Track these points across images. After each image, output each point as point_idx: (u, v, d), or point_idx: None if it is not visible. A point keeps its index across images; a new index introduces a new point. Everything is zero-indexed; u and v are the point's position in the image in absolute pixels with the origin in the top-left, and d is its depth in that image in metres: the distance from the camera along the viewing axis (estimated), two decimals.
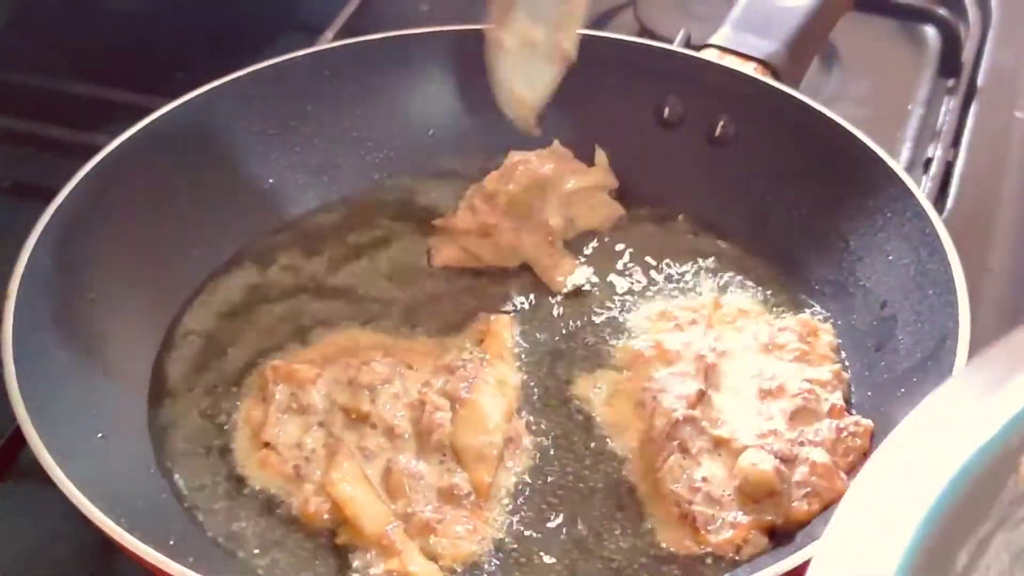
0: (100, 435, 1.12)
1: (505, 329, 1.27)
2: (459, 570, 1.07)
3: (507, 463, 1.15)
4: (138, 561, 0.94)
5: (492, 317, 1.28)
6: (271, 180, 1.41)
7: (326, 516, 1.09)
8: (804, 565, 0.94)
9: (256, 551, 1.08)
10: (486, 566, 1.07)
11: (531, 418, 1.20)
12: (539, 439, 1.18)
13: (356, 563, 1.07)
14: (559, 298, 1.33)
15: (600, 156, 1.43)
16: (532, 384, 1.23)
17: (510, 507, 1.12)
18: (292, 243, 1.39)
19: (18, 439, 1.06)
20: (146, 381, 1.23)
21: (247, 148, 1.40)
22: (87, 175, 1.25)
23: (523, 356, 1.26)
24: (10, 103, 1.58)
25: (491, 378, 1.19)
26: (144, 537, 0.95)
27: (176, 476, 1.14)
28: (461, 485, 1.11)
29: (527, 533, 1.10)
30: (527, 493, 1.13)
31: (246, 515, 1.11)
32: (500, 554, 1.08)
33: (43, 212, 1.21)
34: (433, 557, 1.07)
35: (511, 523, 1.11)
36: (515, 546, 1.09)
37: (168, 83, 1.37)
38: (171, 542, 1.01)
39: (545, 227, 1.36)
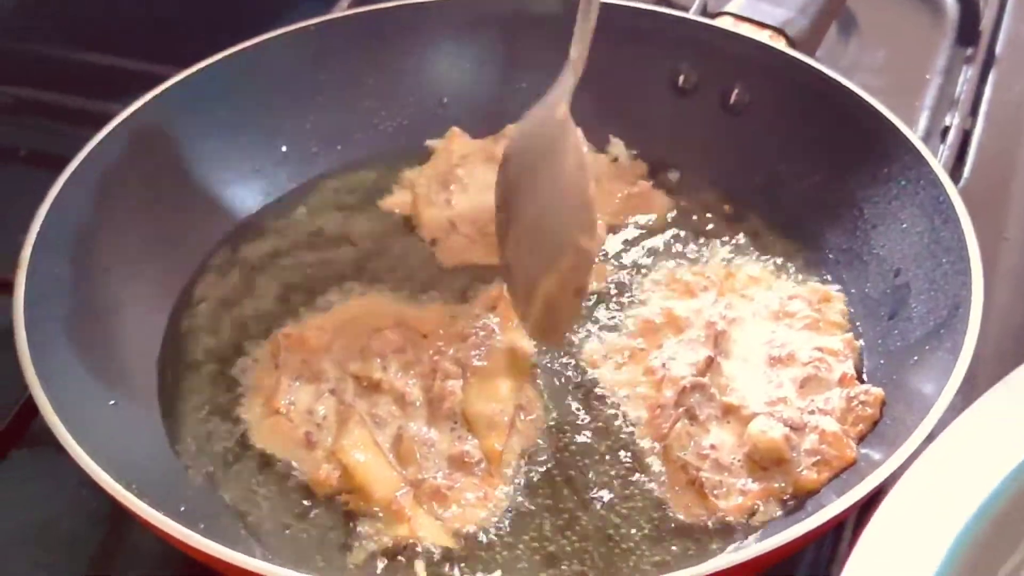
0: (112, 402, 1.12)
1: None
2: (469, 536, 1.07)
3: (518, 430, 1.14)
4: (149, 528, 0.94)
5: (504, 284, 1.27)
6: (284, 148, 1.41)
7: (336, 482, 1.09)
8: (814, 532, 0.94)
9: (266, 517, 1.09)
10: (495, 532, 1.07)
11: (541, 384, 1.20)
12: (548, 406, 1.18)
13: (365, 529, 1.07)
14: None
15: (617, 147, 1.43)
16: (542, 351, 1.23)
17: (520, 474, 1.12)
18: (305, 209, 1.39)
19: (30, 407, 1.06)
20: (158, 349, 1.23)
21: (260, 116, 1.40)
22: (100, 143, 1.25)
23: None
24: (24, 73, 1.58)
25: (503, 346, 1.19)
26: (155, 504, 0.95)
27: (188, 443, 1.14)
28: (472, 452, 1.11)
29: (537, 500, 1.10)
30: (538, 460, 1.13)
31: (256, 482, 1.11)
32: (510, 521, 1.08)
33: (56, 181, 1.21)
34: (443, 524, 1.07)
35: (521, 490, 1.11)
36: (525, 512, 1.09)
37: (181, 51, 1.36)
38: (182, 509, 1.01)
39: None
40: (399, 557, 1.05)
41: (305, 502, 1.09)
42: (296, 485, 1.11)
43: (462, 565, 1.05)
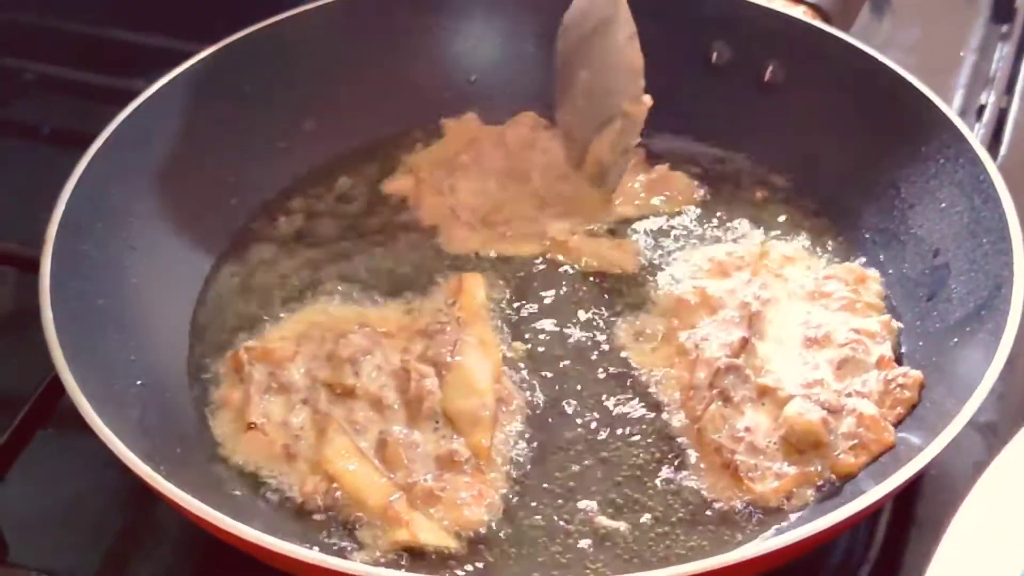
0: (139, 382, 1.11)
1: (478, 287, 1.24)
2: (471, 536, 1.05)
3: (501, 423, 1.12)
4: (177, 509, 0.94)
5: (463, 276, 1.25)
6: (310, 125, 1.40)
7: (325, 493, 1.07)
8: (852, 518, 0.93)
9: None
10: (499, 529, 1.05)
11: (561, 365, 1.18)
12: (568, 391, 1.16)
13: (364, 538, 1.04)
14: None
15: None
16: (566, 331, 1.22)
17: (516, 467, 1.10)
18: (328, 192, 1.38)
19: (56, 387, 1.05)
20: (185, 329, 1.22)
21: (286, 93, 1.38)
22: (125, 121, 1.24)
23: (558, 300, 1.25)
24: (48, 50, 1.57)
25: (472, 339, 1.17)
26: (182, 485, 0.94)
27: (213, 424, 1.13)
28: (460, 451, 1.09)
29: (545, 490, 1.08)
30: (533, 450, 1.11)
31: (242, 497, 1.08)
32: (512, 517, 1.06)
33: (81, 158, 1.19)
34: (441, 525, 1.05)
35: (522, 482, 1.09)
36: (531, 506, 1.07)
37: (207, 28, 1.35)
38: (208, 490, 1.00)
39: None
40: (402, 562, 1.03)
41: (297, 515, 1.07)
42: (283, 499, 1.08)
43: (471, 566, 1.03)
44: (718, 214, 1.33)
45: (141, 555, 1.10)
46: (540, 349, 1.20)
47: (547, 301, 1.25)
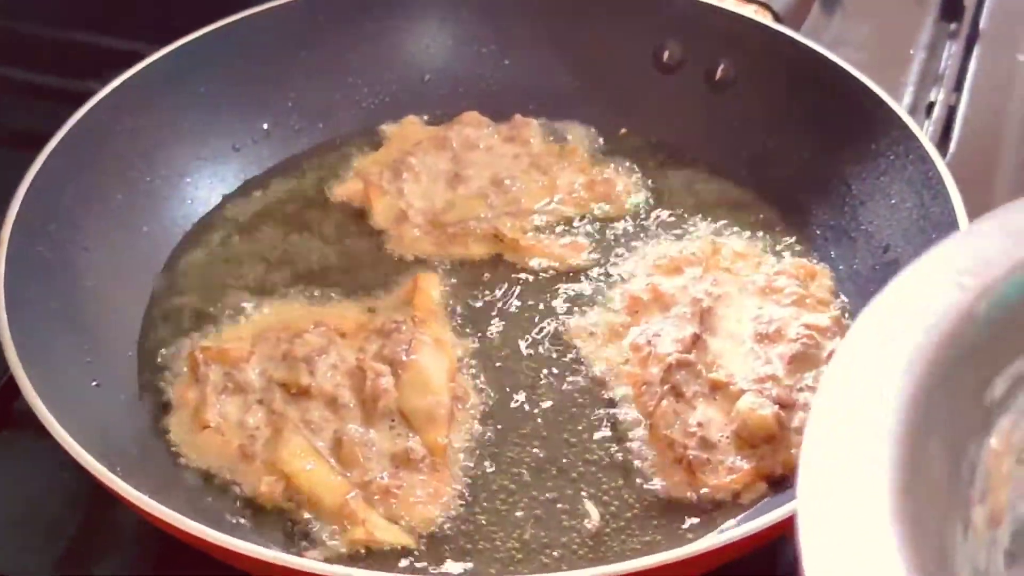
0: (94, 383, 1.11)
1: (432, 286, 1.25)
2: (428, 533, 1.05)
3: (458, 421, 1.13)
4: (133, 509, 0.94)
5: (418, 275, 1.26)
6: (265, 125, 1.40)
7: (281, 494, 1.07)
8: None
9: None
10: (456, 526, 1.06)
11: (515, 363, 1.19)
12: (521, 388, 1.17)
13: (321, 536, 1.04)
14: None
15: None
16: (520, 329, 1.22)
17: (473, 464, 1.10)
18: (260, 193, 1.38)
19: (12, 389, 1.05)
20: (139, 330, 1.22)
21: (240, 94, 1.38)
22: (79, 122, 1.24)
23: (511, 299, 1.25)
24: (2, 50, 1.56)
25: (427, 338, 1.17)
26: (139, 485, 0.94)
27: (169, 425, 1.13)
28: (415, 449, 1.09)
29: (501, 488, 1.09)
30: (491, 448, 1.12)
31: (199, 498, 1.08)
32: (468, 513, 1.07)
33: (35, 160, 1.19)
34: (397, 523, 1.05)
35: (478, 480, 1.09)
36: (487, 503, 1.08)
37: (161, 29, 1.35)
38: (165, 491, 1.00)
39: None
40: (359, 560, 1.03)
41: (254, 514, 1.07)
42: (240, 498, 1.08)
43: (427, 563, 1.03)
44: (670, 211, 1.34)
45: (98, 556, 1.10)
46: (494, 347, 1.21)
47: (500, 299, 1.25)
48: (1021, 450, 0.58)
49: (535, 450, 1.12)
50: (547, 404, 1.15)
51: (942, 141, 1.45)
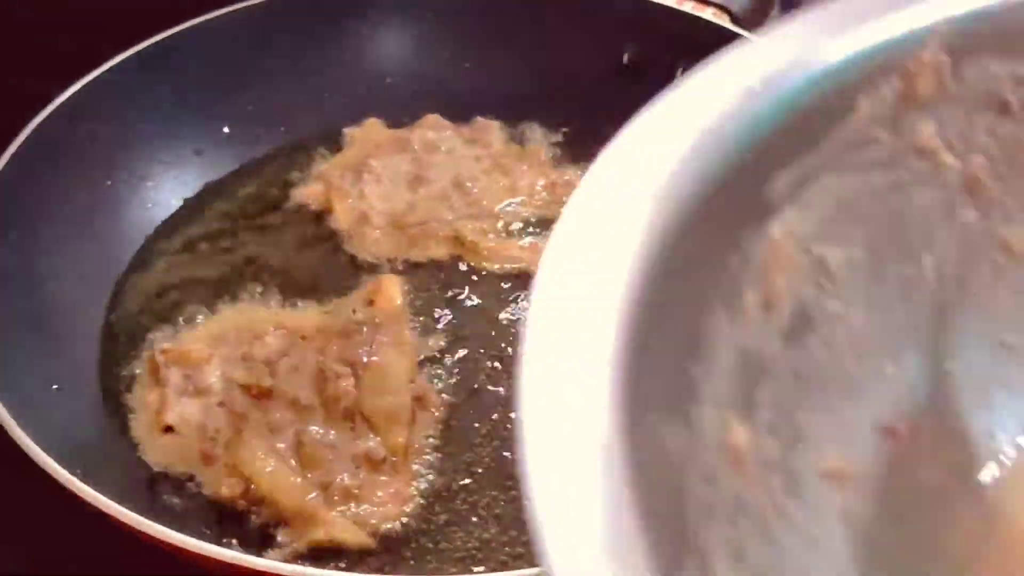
0: (55, 387, 1.11)
1: (394, 288, 1.25)
2: (388, 534, 1.05)
3: (418, 422, 1.13)
4: (96, 511, 0.94)
5: (380, 277, 1.26)
6: (226, 129, 1.40)
7: (242, 495, 1.07)
8: None
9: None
10: (417, 526, 1.06)
11: (475, 364, 1.20)
12: (482, 389, 1.18)
13: (281, 538, 1.05)
14: None
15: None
16: (480, 331, 1.23)
17: (431, 465, 1.11)
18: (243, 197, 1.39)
19: None
20: (101, 333, 1.22)
21: (201, 98, 1.39)
22: (39, 126, 1.24)
23: (472, 300, 1.26)
24: None
25: (389, 339, 1.18)
26: (100, 487, 0.94)
27: (131, 427, 1.13)
28: (377, 450, 1.09)
29: (463, 488, 1.09)
30: (448, 450, 1.12)
31: (164, 500, 1.08)
32: (429, 513, 1.07)
33: None
34: (358, 524, 1.05)
35: (439, 480, 1.10)
36: (449, 503, 1.08)
37: (120, 33, 1.35)
38: (128, 493, 1.00)
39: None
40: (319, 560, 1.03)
41: (216, 516, 1.07)
42: (202, 500, 1.08)
43: (388, 563, 1.04)
44: None
45: (62, 559, 1.10)
46: (456, 348, 1.21)
47: (461, 301, 1.26)
48: (804, 238, 0.60)
49: (496, 450, 1.12)
50: (507, 404, 1.16)
51: None
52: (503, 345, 1.21)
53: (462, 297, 1.26)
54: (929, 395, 0.67)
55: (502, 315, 1.25)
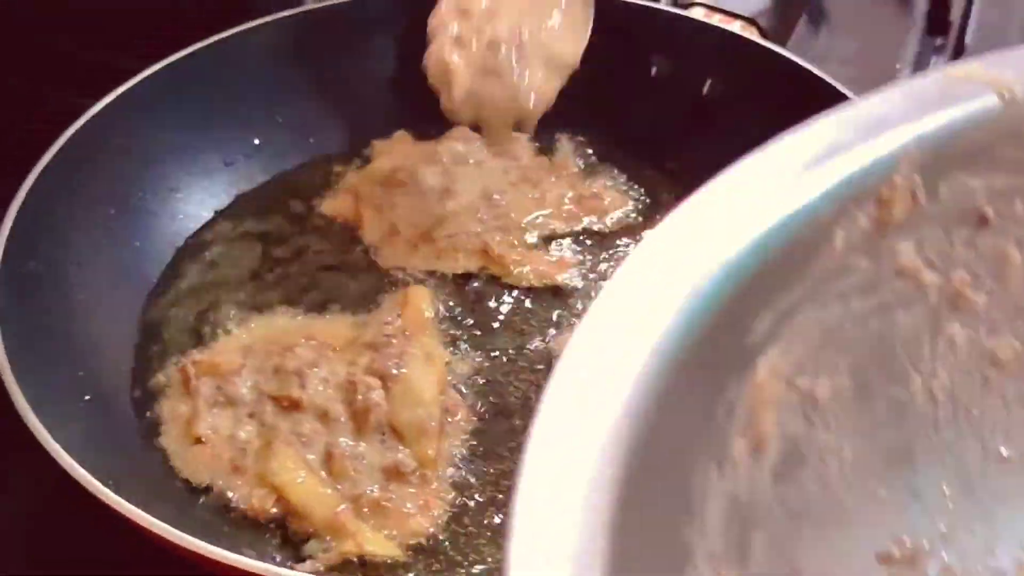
0: (87, 397, 1.12)
1: (423, 300, 1.25)
2: (418, 545, 1.06)
3: (448, 434, 1.14)
4: (126, 522, 0.94)
5: (409, 289, 1.27)
6: (256, 140, 1.41)
7: (272, 507, 1.07)
8: None
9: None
10: (446, 538, 1.06)
11: (505, 376, 1.20)
12: (511, 400, 1.18)
13: (310, 550, 1.05)
14: None
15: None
16: (508, 343, 1.23)
17: (459, 478, 1.11)
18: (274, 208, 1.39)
19: (5, 403, 1.06)
20: (132, 343, 1.22)
21: (231, 110, 1.39)
22: (71, 138, 1.25)
23: (500, 313, 1.27)
24: None
25: (418, 351, 1.18)
26: (131, 498, 0.95)
27: (161, 438, 1.14)
28: (406, 462, 1.10)
29: (483, 502, 1.09)
30: (477, 461, 1.13)
31: (190, 512, 1.08)
32: (457, 526, 1.07)
33: (27, 176, 1.20)
34: (387, 536, 1.05)
35: (466, 494, 1.10)
36: (472, 517, 1.08)
37: (151, 46, 1.36)
38: (158, 503, 1.01)
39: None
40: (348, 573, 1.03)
41: (245, 527, 1.07)
42: (231, 511, 1.08)
43: (419, 574, 1.04)
44: (656, 225, 1.34)
45: (92, 570, 1.10)
46: (484, 360, 1.22)
47: (490, 313, 1.26)
48: (790, 374, 0.59)
49: (512, 465, 1.12)
50: (533, 417, 1.15)
51: None
52: (531, 357, 1.22)
53: (490, 309, 1.27)
54: (926, 514, 0.66)
55: (529, 327, 1.25)
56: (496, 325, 1.25)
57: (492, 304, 1.27)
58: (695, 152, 1.39)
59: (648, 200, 1.38)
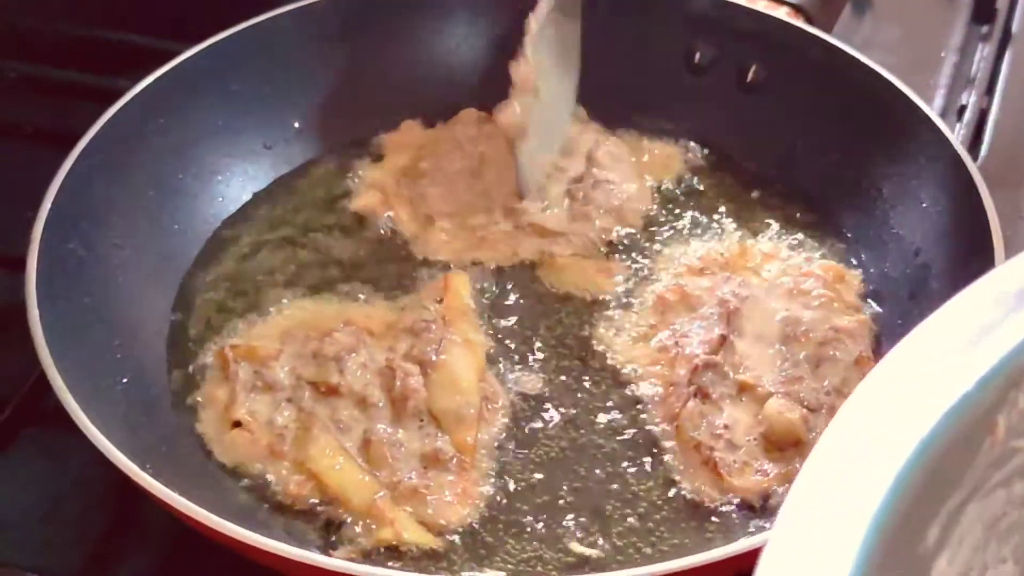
0: (124, 380, 1.12)
1: (463, 286, 1.25)
2: (456, 534, 1.05)
3: (486, 420, 1.13)
4: (163, 506, 0.94)
5: (449, 274, 1.26)
6: (296, 124, 1.40)
7: (310, 493, 1.07)
8: None
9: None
10: (483, 527, 1.06)
11: (544, 364, 1.19)
12: (549, 389, 1.17)
13: (348, 535, 1.04)
14: None
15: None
16: (547, 331, 1.22)
17: (500, 464, 1.11)
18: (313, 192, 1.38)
19: (42, 384, 1.06)
20: (169, 327, 1.22)
21: (271, 92, 1.39)
22: (110, 120, 1.25)
23: (539, 300, 1.26)
24: (32, 48, 1.57)
25: (457, 337, 1.17)
26: (168, 482, 0.95)
27: (198, 422, 1.14)
28: (444, 449, 1.09)
29: (528, 488, 1.09)
30: (518, 448, 1.12)
31: (227, 496, 1.08)
32: (495, 514, 1.07)
33: (67, 158, 1.20)
34: (424, 523, 1.05)
35: (505, 481, 1.09)
36: (514, 504, 1.08)
37: (192, 27, 1.36)
38: (195, 488, 1.00)
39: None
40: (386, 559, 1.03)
41: (282, 513, 1.07)
42: (268, 497, 1.08)
43: (455, 563, 1.03)
44: (698, 212, 1.34)
45: (126, 553, 1.10)
46: (523, 347, 1.21)
47: (528, 301, 1.26)
48: None
49: (562, 452, 1.12)
50: (573, 405, 1.15)
51: (973, 144, 1.44)
52: (568, 346, 1.21)
53: (528, 296, 1.26)
54: None
55: (567, 314, 1.24)
56: (535, 311, 1.25)
57: (530, 290, 1.27)
58: (739, 137, 1.38)
59: (687, 184, 1.37)
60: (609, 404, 1.15)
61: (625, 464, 1.10)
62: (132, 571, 1.09)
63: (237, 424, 1.11)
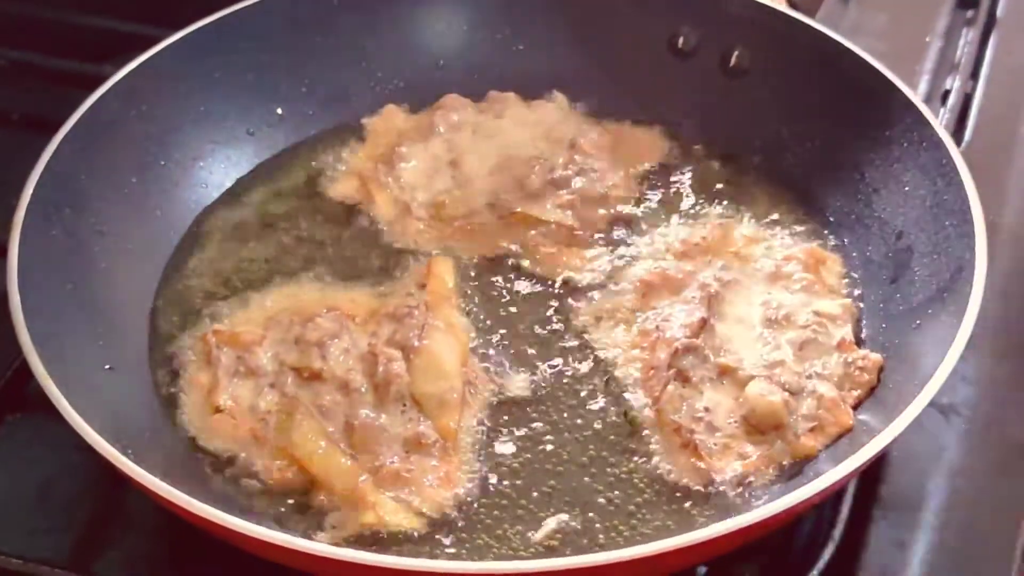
0: (107, 367, 1.12)
1: (447, 271, 1.25)
2: (438, 518, 1.05)
3: (469, 405, 1.13)
4: (145, 492, 0.94)
5: (432, 259, 1.26)
6: (279, 110, 1.40)
7: (293, 478, 1.07)
8: (811, 499, 0.93)
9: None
10: (466, 510, 1.06)
11: (526, 349, 1.19)
12: (532, 374, 1.17)
13: (331, 520, 1.05)
14: None
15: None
16: (530, 315, 1.22)
17: (481, 450, 1.11)
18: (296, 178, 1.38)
19: (24, 371, 1.06)
20: (151, 313, 1.22)
21: (255, 78, 1.39)
22: (92, 107, 1.25)
23: (520, 284, 1.26)
24: (16, 35, 1.57)
25: (440, 323, 1.17)
26: (151, 468, 0.94)
27: (181, 408, 1.13)
28: (427, 433, 1.09)
29: (510, 472, 1.09)
30: (498, 433, 1.12)
31: (210, 482, 1.08)
32: (480, 496, 1.07)
33: (49, 144, 1.20)
34: (408, 507, 1.05)
35: (488, 464, 1.09)
36: (497, 487, 1.08)
37: (175, 13, 1.35)
38: (177, 474, 1.00)
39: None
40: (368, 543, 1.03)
41: (265, 498, 1.07)
42: (251, 482, 1.08)
43: (436, 547, 1.03)
44: (682, 196, 1.34)
45: (111, 539, 1.11)
46: (505, 332, 1.21)
47: (510, 284, 1.26)
48: None
49: (545, 435, 1.12)
50: (556, 389, 1.15)
51: (957, 129, 1.45)
52: (551, 330, 1.21)
53: (510, 280, 1.26)
54: None
55: (549, 298, 1.24)
56: (517, 295, 1.25)
57: (512, 274, 1.27)
58: (723, 121, 1.38)
59: (670, 169, 1.37)
60: (591, 388, 1.15)
61: (607, 447, 1.10)
62: (120, 557, 1.09)
63: (220, 409, 1.11)
